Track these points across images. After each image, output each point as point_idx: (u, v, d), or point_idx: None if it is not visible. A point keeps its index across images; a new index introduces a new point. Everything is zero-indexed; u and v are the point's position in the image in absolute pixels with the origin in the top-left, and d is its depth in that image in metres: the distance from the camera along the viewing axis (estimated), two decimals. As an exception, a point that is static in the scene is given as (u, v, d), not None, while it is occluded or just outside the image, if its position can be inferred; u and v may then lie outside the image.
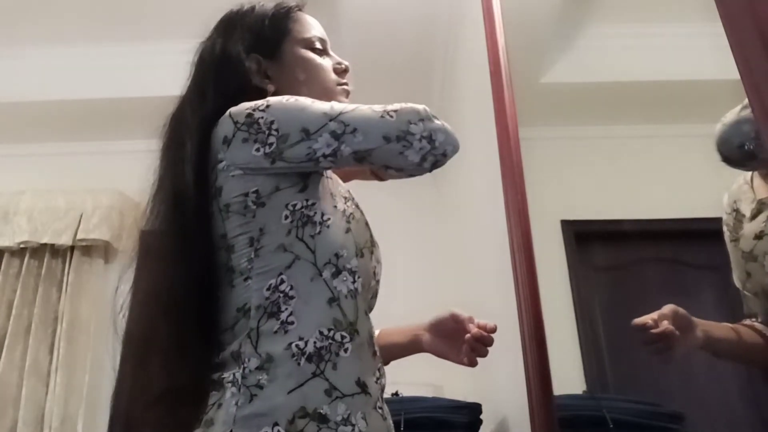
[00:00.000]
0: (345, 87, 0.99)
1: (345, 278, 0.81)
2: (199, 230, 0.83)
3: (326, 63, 0.98)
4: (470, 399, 1.57)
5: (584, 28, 1.14)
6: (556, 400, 1.07)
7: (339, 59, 1.01)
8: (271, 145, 0.79)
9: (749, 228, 0.70)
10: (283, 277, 0.78)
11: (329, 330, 0.76)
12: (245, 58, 0.92)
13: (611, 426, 0.91)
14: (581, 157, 1.11)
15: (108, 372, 2.53)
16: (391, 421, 0.84)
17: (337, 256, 0.81)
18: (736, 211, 0.72)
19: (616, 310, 1.01)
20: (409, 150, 0.80)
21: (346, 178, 1.01)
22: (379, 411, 0.80)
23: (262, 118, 0.81)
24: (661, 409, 0.88)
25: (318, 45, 0.98)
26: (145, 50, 2.60)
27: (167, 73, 2.57)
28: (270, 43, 0.95)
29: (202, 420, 0.75)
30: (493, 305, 1.64)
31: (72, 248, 2.65)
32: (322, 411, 0.71)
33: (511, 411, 1.38)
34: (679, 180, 0.84)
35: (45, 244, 2.61)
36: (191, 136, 0.86)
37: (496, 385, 1.62)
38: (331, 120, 0.80)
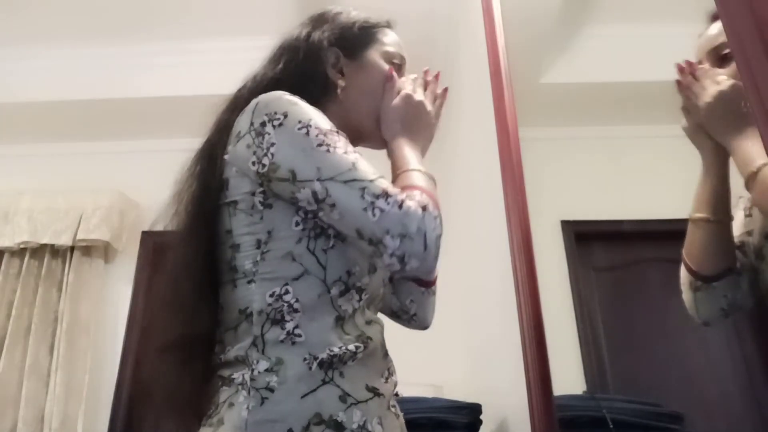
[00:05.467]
0: None
1: (351, 297, 0.79)
2: (205, 219, 0.82)
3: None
4: (470, 399, 1.57)
5: (584, 28, 1.14)
6: (556, 400, 1.07)
7: None
8: (264, 166, 0.77)
9: (761, 223, 0.70)
10: (289, 288, 0.76)
11: (339, 347, 0.74)
12: (325, 48, 0.93)
13: (611, 426, 0.91)
14: (581, 157, 1.11)
15: (108, 372, 2.53)
16: (402, 418, 0.83)
17: (348, 273, 0.79)
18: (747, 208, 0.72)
19: (616, 310, 1.01)
20: (377, 258, 0.74)
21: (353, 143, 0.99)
22: (393, 410, 0.80)
23: (269, 134, 0.77)
24: (661, 409, 0.88)
25: (397, 61, 0.99)
26: (145, 51, 2.61)
27: (167, 74, 2.59)
28: (355, 44, 0.96)
29: (212, 417, 0.74)
30: (494, 305, 1.64)
31: (72, 248, 2.65)
32: (337, 418, 0.69)
33: (511, 411, 1.38)
34: (680, 180, 0.84)
35: (45, 245, 2.62)
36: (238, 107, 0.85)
37: (496, 385, 1.62)
38: (318, 180, 0.74)
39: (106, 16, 2.50)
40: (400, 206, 0.72)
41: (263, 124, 0.78)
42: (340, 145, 0.77)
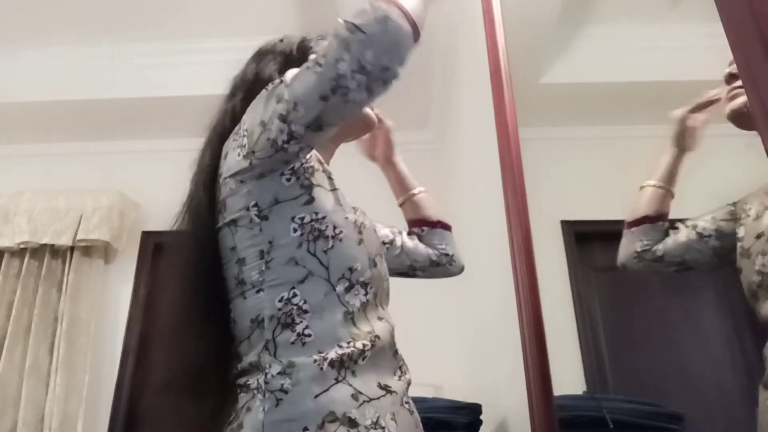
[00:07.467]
0: None
1: (357, 292, 0.82)
2: (207, 240, 0.85)
3: None
4: (470, 399, 1.57)
5: (584, 28, 1.14)
6: (556, 400, 1.07)
7: None
8: (244, 146, 0.81)
9: (752, 227, 0.70)
10: (296, 291, 0.79)
11: (348, 343, 0.77)
12: (277, 78, 0.95)
13: (611, 426, 0.91)
14: (581, 157, 1.11)
15: (108, 372, 2.53)
16: (417, 414, 0.85)
17: (350, 270, 0.83)
18: (742, 208, 0.73)
19: (616, 310, 1.01)
20: (350, 94, 0.75)
21: (338, 141, 1.03)
22: (406, 406, 0.82)
23: (243, 123, 0.83)
24: (661, 410, 0.88)
25: None
26: (145, 51, 2.61)
27: (167, 74, 2.59)
28: (297, 63, 0.98)
29: (232, 423, 0.76)
30: (493, 305, 1.64)
31: (72, 248, 2.65)
32: (351, 415, 0.72)
33: (511, 411, 1.38)
34: (679, 180, 0.84)
35: (45, 245, 2.62)
36: (213, 145, 0.90)
37: (496, 385, 1.62)
38: (278, 102, 0.78)
39: (105, 16, 2.50)
40: (336, 50, 0.74)
41: (239, 125, 0.85)
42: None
